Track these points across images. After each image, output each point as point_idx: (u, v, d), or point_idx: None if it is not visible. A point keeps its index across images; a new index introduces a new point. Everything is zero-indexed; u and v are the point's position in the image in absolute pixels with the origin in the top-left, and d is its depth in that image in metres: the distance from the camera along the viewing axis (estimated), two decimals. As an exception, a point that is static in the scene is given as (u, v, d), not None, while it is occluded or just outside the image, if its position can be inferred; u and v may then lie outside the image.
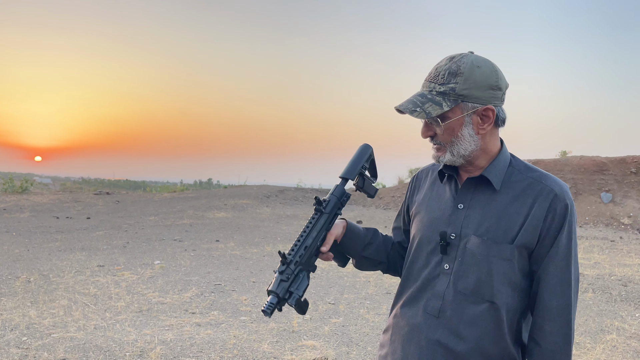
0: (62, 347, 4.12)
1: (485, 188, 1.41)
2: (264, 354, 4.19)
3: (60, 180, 70.47)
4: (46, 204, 15.77)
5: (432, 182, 1.56)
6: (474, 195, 1.42)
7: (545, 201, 1.34)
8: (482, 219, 1.38)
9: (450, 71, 1.33)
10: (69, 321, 4.81)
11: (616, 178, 17.97)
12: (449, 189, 1.48)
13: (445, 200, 1.47)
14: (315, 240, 1.44)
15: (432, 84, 1.36)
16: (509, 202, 1.37)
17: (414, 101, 1.35)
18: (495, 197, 1.39)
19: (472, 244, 1.36)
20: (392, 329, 1.50)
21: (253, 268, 7.53)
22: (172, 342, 4.33)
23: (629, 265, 8.83)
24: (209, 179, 46.83)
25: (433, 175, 1.57)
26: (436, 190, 1.52)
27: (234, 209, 15.11)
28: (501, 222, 1.35)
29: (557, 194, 1.35)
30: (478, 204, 1.40)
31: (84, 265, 7.34)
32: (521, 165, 1.44)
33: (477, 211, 1.39)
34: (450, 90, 1.33)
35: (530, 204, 1.35)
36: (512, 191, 1.39)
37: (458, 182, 1.45)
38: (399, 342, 1.46)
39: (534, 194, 1.36)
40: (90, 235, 10.20)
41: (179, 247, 9.03)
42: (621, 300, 6.45)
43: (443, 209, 1.45)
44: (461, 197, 1.42)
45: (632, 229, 15.67)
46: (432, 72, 1.37)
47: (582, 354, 4.50)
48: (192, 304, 5.54)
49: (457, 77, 1.33)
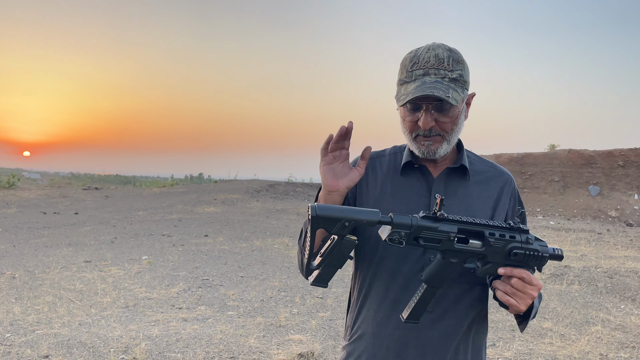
0: (46, 344, 4.09)
1: (457, 177, 1.43)
2: (250, 349, 4.17)
3: (49, 175, 69.86)
4: (33, 200, 15.63)
5: (386, 174, 1.48)
6: (447, 185, 1.42)
7: (507, 186, 1.47)
8: (462, 207, 1.40)
9: (453, 58, 1.32)
10: (54, 317, 4.77)
11: (604, 171, 18.12)
12: (418, 180, 1.44)
13: (415, 191, 1.43)
14: None
15: (441, 71, 1.31)
16: (478, 189, 1.44)
17: (437, 87, 1.28)
18: (466, 185, 1.43)
19: None
20: (373, 337, 1.41)
21: (241, 263, 7.51)
22: (158, 338, 4.31)
23: (615, 258, 8.92)
24: (200, 174, 46.63)
25: (387, 167, 1.49)
26: (399, 182, 1.45)
27: (224, 204, 15.05)
28: (477, 208, 1.41)
29: (512, 178, 1.51)
30: (453, 193, 1.42)
31: (70, 261, 7.28)
32: (471, 153, 1.51)
33: (454, 199, 1.41)
34: (459, 77, 1.33)
35: (495, 189, 1.45)
36: (477, 179, 1.45)
37: (431, 173, 1.44)
38: (388, 349, 1.38)
39: (495, 180, 1.47)
40: (77, 231, 10.12)
41: (167, 242, 8.99)
42: (607, 292, 6.51)
43: (416, 200, 1.41)
44: (436, 187, 1.42)
45: (619, 221, 15.82)
46: (433, 60, 1.31)
47: (566, 346, 4.53)
48: (179, 299, 5.52)
49: (459, 64, 1.33)
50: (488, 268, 1.24)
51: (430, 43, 1.36)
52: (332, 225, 1.15)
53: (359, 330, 1.45)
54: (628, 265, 8.15)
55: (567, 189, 17.87)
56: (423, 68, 1.32)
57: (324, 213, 1.14)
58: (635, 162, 18.21)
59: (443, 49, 1.33)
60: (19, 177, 20.89)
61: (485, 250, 1.23)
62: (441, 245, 1.21)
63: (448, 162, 1.45)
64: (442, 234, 1.21)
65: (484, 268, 1.24)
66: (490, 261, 1.24)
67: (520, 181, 19.67)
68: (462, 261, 1.24)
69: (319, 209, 1.14)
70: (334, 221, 1.15)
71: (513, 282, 1.23)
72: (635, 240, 11.43)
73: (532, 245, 1.24)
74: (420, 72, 1.32)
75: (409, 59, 1.35)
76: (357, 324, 1.46)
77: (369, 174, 1.49)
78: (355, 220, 1.16)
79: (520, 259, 1.23)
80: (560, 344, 4.57)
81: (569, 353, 4.35)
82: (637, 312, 5.66)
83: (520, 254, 1.23)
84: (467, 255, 1.23)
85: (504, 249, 1.24)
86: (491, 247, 1.23)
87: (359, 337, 1.44)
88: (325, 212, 1.14)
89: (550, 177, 18.92)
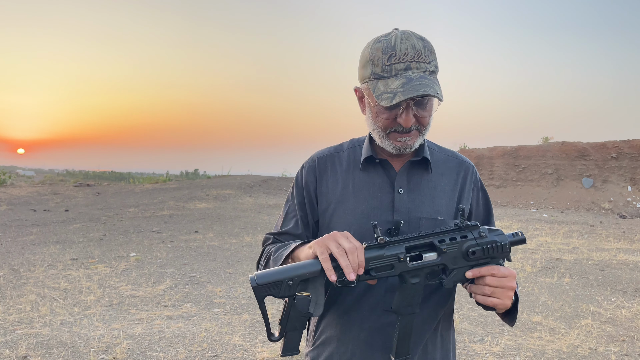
0: (25, 344, 4.00)
1: (419, 170, 1.38)
2: (234, 347, 4.10)
3: (44, 172, 69.54)
4: (24, 197, 15.49)
5: (347, 171, 1.40)
6: (409, 179, 1.36)
7: (469, 175, 1.43)
8: (427, 200, 1.35)
9: (428, 48, 1.24)
10: (35, 317, 4.69)
11: (597, 163, 18.13)
12: (380, 175, 1.37)
13: (377, 187, 1.35)
14: None
15: (422, 64, 1.23)
16: (440, 180, 1.39)
17: (426, 84, 1.21)
18: (429, 177, 1.38)
19: (426, 226, 1.31)
20: (338, 341, 1.36)
21: (230, 259, 7.44)
22: (140, 337, 4.23)
23: (607, 250, 8.89)
24: (195, 170, 46.44)
25: (346, 162, 1.41)
26: (360, 178, 1.38)
27: (216, 199, 14.96)
28: (442, 200, 1.36)
29: (474, 168, 1.46)
30: (416, 186, 1.36)
31: (57, 258, 7.18)
32: (432, 143, 1.45)
33: (419, 193, 1.35)
34: (435, 68, 1.26)
35: (457, 179, 1.41)
36: (438, 169, 1.40)
37: (393, 167, 1.37)
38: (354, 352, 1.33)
39: (456, 170, 1.42)
40: (66, 228, 10.01)
41: (156, 239, 8.90)
42: (598, 285, 6.47)
43: (380, 196, 1.34)
44: (399, 181, 1.35)
45: (612, 213, 15.84)
46: (412, 53, 1.22)
47: (556, 340, 4.48)
48: (164, 297, 5.44)
49: (432, 53, 1.26)
50: (454, 276, 1.19)
51: (399, 32, 1.25)
52: (277, 289, 1.12)
53: (322, 334, 1.40)
54: (620, 257, 8.12)
55: (560, 181, 17.86)
56: (403, 62, 1.22)
57: (264, 280, 1.11)
58: (629, 154, 18.20)
59: (416, 38, 1.24)
60: (10, 175, 20.72)
61: (442, 259, 1.18)
62: (394, 270, 1.16)
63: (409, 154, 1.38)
64: (391, 259, 1.16)
65: (450, 277, 1.19)
66: (453, 268, 1.18)
67: (514, 174, 19.65)
68: (424, 278, 1.19)
69: (258, 278, 1.12)
70: (277, 284, 1.11)
71: (487, 281, 1.18)
72: (627, 232, 11.42)
73: (488, 238, 1.19)
74: (401, 66, 1.22)
75: (382, 50, 1.24)
76: (320, 328, 1.41)
77: (329, 172, 1.41)
78: (297, 276, 1.12)
79: (480, 255, 1.18)
80: (549, 338, 4.52)
81: (558, 347, 4.30)
82: (628, 305, 5.62)
83: (478, 250, 1.18)
84: (426, 270, 1.18)
85: (460, 251, 1.18)
86: (446, 254, 1.18)
87: (323, 341, 1.39)
88: (265, 278, 1.12)
89: (543, 169, 18.90)
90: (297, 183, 1.44)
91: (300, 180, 1.43)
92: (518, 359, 4.05)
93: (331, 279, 1.11)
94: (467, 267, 1.19)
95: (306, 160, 1.46)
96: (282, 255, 1.29)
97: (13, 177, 22.96)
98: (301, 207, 1.42)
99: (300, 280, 1.12)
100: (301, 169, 1.45)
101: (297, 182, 1.45)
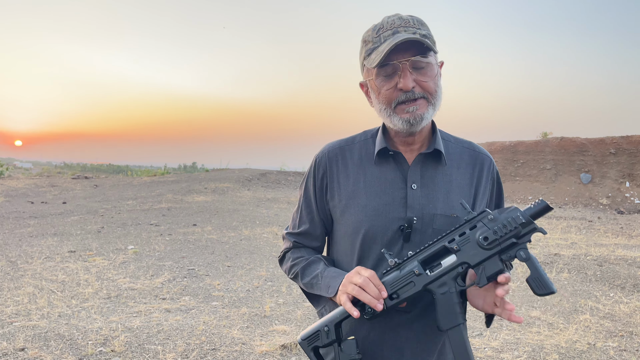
0: (23, 336, 3.99)
1: (432, 163, 1.32)
2: (232, 340, 4.09)
3: (41, 164, 69.33)
4: (21, 189, 15.44)
5: (358, 165, 1.35)
6: (423, 173, 1.31)
7: (485, 168, 1.37)
8: (441, 196, 1.29)
9: (417, 20, 1.24)
10: (33, 309, 4.67)
11: (595, 159, 18.13)
12: (393, 169, 1.32)
13: (390, 182, 1.31)
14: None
15: (410, 28, 1.21)
16: (456, 173, 1.33)
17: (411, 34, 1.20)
18: (444, 170, 1.32)
19: (440, 223, 1.27)
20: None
21: (229, 252, 7.42)
22: (138, 329, 4.22)
23: (605, 245, 8.90)
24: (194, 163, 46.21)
25: (358, 156, 1.36)
26: (372, 173, 1.33)
27: (214, 193, 14.93)
28: (457, 196, 1.30)
29: (492, 160, 1.40)
30: (430, 180, 1.31)
31: (55, 251, 7.16)
32: (447, 134, 1.40)
33: (432, 189, 1.30)
34: (428, 34, 1.24)
35: (473, 172, 1.35)
36: (454, 162, 1.34)
37: (406, 160, 1.32)
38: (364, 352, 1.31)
39: (472, 163, 1.36)
40: (64, 221, 9.98)
41: (154, 232, 8.87)
42: (596, 280, 6.48)
43: (392, 192, 1.30)
44: (412, 176, 1.30)
45: (610, 209, 15.85)
46: (398, 22, 1.22)
47: (554, 335, 4.48)
48: (163, 290, 5.42)
49: (424, 25, 1.25)
50: (482, 272, 1.14)
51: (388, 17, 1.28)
52: (317, 339, 1.23)
53: None
54: (618, 253, 8.13)
55: (558, 176, 17.86)
56: (390, 29, 1.22)
57: (305, 335, 1.25)
58: (627, 150, 18.21)
59: (404, 14, 1.26)
60: (7, 167, 20.65)
61: (460, 258, 1.15)
62: (416, 285, 1.16)
63: (422, 146, 1.34)
64: (408, 276, 1.17)
65: (481, 275, 1.14)
66: (476, 263, 1.14)
67: (512, 169, 19.65)
68: (454, 284, 1.16)
69: (300, 336, 1.26)
70: (316, 336, 1.22)
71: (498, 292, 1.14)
72: (625, 228, 11.44)
73: (499, 220, 1.13)
74: (389, 32, 1.22)
75: (372, 29, 1.26)
76: None
77: (340, 166, 1.37)
78: (330, 321, 1.22)
79: (496, 239, 1.12)
80: (547, 333, 4.52)
81: (557, 342, 4.30)
82: (626, 300, 5.63)
83: (490, 234, 1.12)
84: (451, 275, 1.16)
85: (475, 243, 1.14)
86: (462, 251, 1.15)
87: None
88: (305, 333, 1.25)
89: (542, 164, 18.90)
90: (309, 177, 1.41)
91: (313, 175, 1.40)
92: (517, 353, 4.05)
93: (353, 315, 1.18)
94: (493, 258, 1.13)
95: (317, 153, 1.41)
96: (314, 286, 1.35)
97: (10, 169, 22.89)
98: (315, 202, 1.40)
99: (333, 325, 1.22)
100: (313, 162, 1.41)
101: (309, 176, 1.42)
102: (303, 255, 1.41)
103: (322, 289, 1.31)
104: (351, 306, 1.18)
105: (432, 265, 1.17)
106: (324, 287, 1.30)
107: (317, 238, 1.43)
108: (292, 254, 1.44)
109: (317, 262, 1.37)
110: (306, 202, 1.41)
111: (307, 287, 1.38)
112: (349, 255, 1.34)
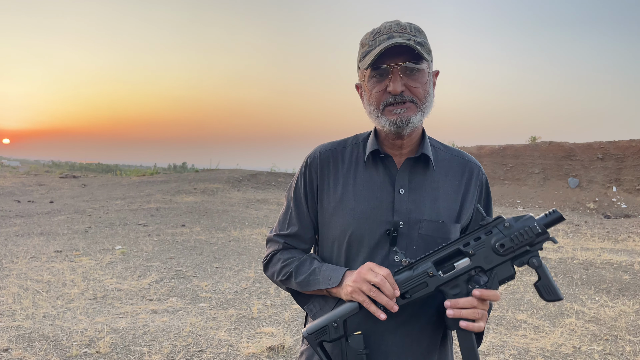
0: (6, 337, 3.94)
1: (421, 168, 1.33)
2: (219, 342, 4.08)
3: (29, 163, 68.64)
4: (8, 187, 15.28)
5: (349, 168, 1.36)
6: (411, 178, 1.32)
7: (474, 176, 1.37)
8: (428, 202, 1.30)
9: (414, 27, 1.27)
10: (17, 309, 4.62)
11: (583, 164, 18.30)
12: (381, 173, 1.33)
13: (378, 185, 1.31)
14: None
15: (406, 35, 1.24)
16: (444, 181, 1.34)
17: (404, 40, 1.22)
18: (432, 177, 1.33)
19: (426, 229, 1.28)
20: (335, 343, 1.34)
21: (217, 253, 7.39)
22: (124, 331, 4.19)
23: (592, 249, 8.98)
24: (183, 163, 45.93)
25: (349, 159, 1.37)
26: (361, 176, 1.34)
27: (204, 193, 14.87)
28: (444, 203, 1.32)
29: (480, 168, 1.40)
30: (418, 186, 1.31)
31: (41, 250, 7.09)
32: (436, 142, 1.41)
33: (420, 194, 1.31)
34: (424, 42, 1.27)
35: (461, 180, 1.35)
36: (442, 169, 1.35)
37: (395, 164, 1.33)
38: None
39: (461, 171, 1.36)
40: (51, 220, 9.89)
41: (142, 232, 8.82)
42: (582, 284, 6.53)
43: (379, 196, 1.30)
44: (400, 180, 1.31)
45: (597, 213, 16.01)
46: (395, 27, 1.25)
47: (540, 338, 4.51)
48: (150, 291, 5.39)
49: (422, 33, 1.28)
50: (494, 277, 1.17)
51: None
52: (325, 334, 1.21)
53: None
54: (604, 257, 8.20)
55: (547, 180, 18.02)
56: (387, 34, 1.25)
57: (311, 329, 1.23)
58: (614, 155, 18.42)
59: (402, 21, 1.29)
60: (-6, 165, 20.42)
61: (474, 262, 1.17)
62: (429, 286, 1.18)
63: (412, 151, 1.35)
64: (421, 277, 1.18)
65: (492, 279, 1.17)
66: (490, 267, 1.17)
67: (501, 173, 19.79)
68: (466, 287, 1.18)
69: (306, 330, 1.24)
70: (324, 330, 1.21)
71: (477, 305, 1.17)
72: (612, 232, 11.55)
73: (515, 227, 1.16)
74: (384, 37, 1.25)
75: (370, 33, 1.29)
76: None
77: (331, 169, 1.37)
78: (339, 317, 1.21)
79: (512, 246, 1.15)
80: (533, 336, 4.55)
81: (542, 345, 4.33)
82: (612, 304, 5.68)
83: (506, 241, 1.15)
84: (464, 278, 1.18)
85: (490, 248, 1.16)
86: (476, 255, 1.17)
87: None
88: (311, 328, 1.23)
89: (530, 169, 19.06)
90: (300, 178, 1.41)
91: (303, 176, 1.40)
92: (502, 356, 4.07)
93: (380, 317, 1.17)
94: (506, 264, 1.17)
95: (309, 154, 1.41)
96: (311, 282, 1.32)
97: (0, 167, 22.63)
98: (306, 203, 1.40)
99: (342, 321, 1.21)
100: (304, 163, 1.41)
101: (299, 177, 1.41)
102: (295, 256, 1.38)
103: (321, 283, 1.28)
104: (376, 308, 1.17)
105: (445, 267, 1.19)
106: (324, 280, 1.28)
107: (306, 241, 1.41)
108: (282, 254, 1.40)
109: (311, 260, 1.35)
110: (296, 203, 1.40)
111: (302, 286, 1.33)
112: (335, 258, 1.34)
